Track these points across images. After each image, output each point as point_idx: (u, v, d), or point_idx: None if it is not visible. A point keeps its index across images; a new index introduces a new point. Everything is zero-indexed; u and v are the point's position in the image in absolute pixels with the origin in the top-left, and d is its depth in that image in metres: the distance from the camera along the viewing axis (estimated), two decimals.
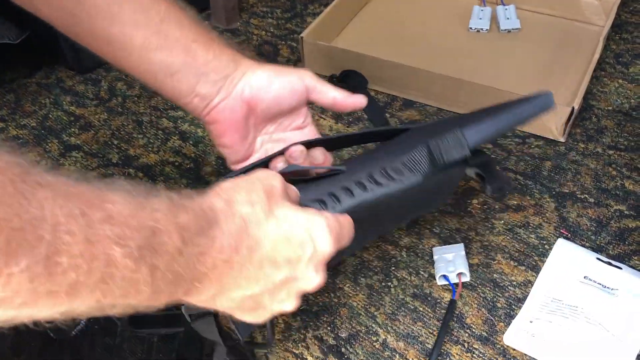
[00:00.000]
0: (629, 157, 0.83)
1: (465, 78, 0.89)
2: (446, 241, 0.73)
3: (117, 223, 0.32)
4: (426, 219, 0.76)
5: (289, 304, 0.44)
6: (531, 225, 0.75)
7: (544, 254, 0.71)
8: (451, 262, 0.68)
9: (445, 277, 0.67)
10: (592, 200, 0.77)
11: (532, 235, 0.73)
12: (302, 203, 0.48)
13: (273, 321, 0.56)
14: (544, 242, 0.73)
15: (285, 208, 0.42)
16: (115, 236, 0.31)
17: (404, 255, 0.72)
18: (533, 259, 0.71)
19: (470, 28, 1.04)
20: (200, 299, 0.39)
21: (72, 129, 0.91)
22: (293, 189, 0.47)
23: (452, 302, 0.65)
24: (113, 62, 0.55)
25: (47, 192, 0.29)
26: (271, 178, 0.43)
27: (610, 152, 0.84)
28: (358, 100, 0.58)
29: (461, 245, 0.70)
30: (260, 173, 0.43)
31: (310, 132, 0.61)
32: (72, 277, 0.30)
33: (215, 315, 0.53)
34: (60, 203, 0.30)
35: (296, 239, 0.41)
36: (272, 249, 0.40)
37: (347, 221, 0.47)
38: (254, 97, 0.55)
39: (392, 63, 0.91)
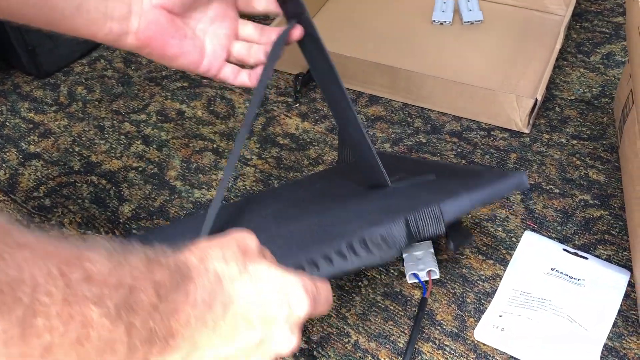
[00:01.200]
0: (592, 147, 0.84)
1: (429, 72, 0.89)
2: None
3: (96, 282, 0.31)
4: None
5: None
6: (498, 218, 0.75)
7: (512, 247, 0.72)
8: (420, 260, 0.68)
9: (415, 275, 0.67)
10: (557, 191, 0.78)
11: (499, 229, 0.74)
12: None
13: None
14: (511, 234, 0.73)
15: (261, 265, 0.41)
16: (93, 296, 0.31)
17: None
18: (501, 252, 0.71)
19: (434, 21, 1.04)
20: (172, 358, 0.37)
21: (31, 137, 0.89)
22: (269, 252, 0.45)
23: (423, 300, 0.65)
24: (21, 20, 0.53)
25: (27, 253, 0.29)
26: (247, 237, 0.42)
27: (574, 141, 0.85)
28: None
29: (429, 243, 0.70)
30: (236, 233, 0.43)
31: None
32: (47, 339, 0.29)
33: None
34: (40, 264, 0.29)
35: (271, 298, 0.40)
36: (246, 306, 0.39)
37: (325, 286, 0.45)
38: None
39: (356, 59, 0.91)
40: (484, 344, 0.63)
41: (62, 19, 0.52)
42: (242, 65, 0.62)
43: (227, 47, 0.60)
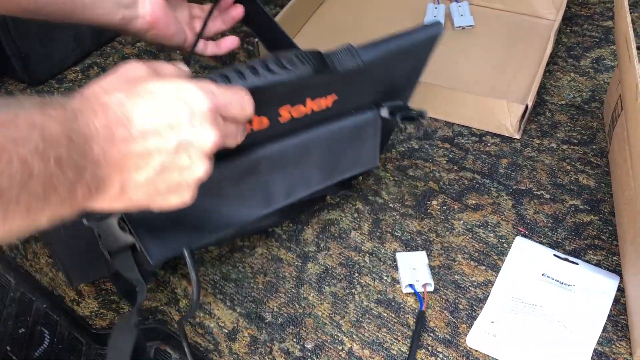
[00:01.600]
0: (582, 151, 0.85)
1: (421, 78, 0.90)
2: (407, 244, 0.74)
3: (9, 126, 0.34)
4: (387, 222, 0.77)
5: (199, 168, 0.44)
6: (490, 224, 0.76)
7: (503, 253, 0.73)
8: (416, 271, 0.69)
9: (411, 286, 0.68)
10: (548, 196, 0.79)
11: (490, 234, 0.75)
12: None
13: (199, 282, 0.60)
14: (503, 240, 0.74)
15: (150, 83, 0.43)
16: (13, 139, 0.34)
17: (367, 261, 0.72)
18: (492, 258, 0.72)
19: None
20: (113, 193, 0.41)
21: None
22: (173, 68, 0.47)
23: (421, 314, 0.66)
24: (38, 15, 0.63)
25: None
26: (131, 68, 0.44)
27: (564, 146, 0.86)
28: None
29: (423, 254, 0.71)
30: (121, 66, 0.44)
31: None
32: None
33: (133, 249, 0.57)
34: None
35: (166, 106, 0.42)
36: (146, 121, 0.41)
37: (234, 89, 0.47)
38: None
39: None
40: (477, 351, 0.64)
41: (83, 10, 0.63)
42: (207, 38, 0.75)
43: (191, 26, 0.73)
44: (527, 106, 0.84)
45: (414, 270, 0.69)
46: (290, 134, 0.59)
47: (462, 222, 0.76)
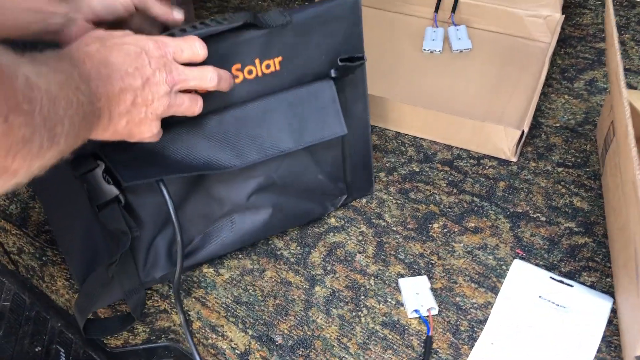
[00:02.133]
0: (576, 174, 0.89)
1: (421, 102, 0.93)
2: (410, 267, 0.77)
3: (56, 72, 0.45)
4: (391, 245, 0.80)
5: (160, 103, 0.56)
6: (489, 246, 0.80)
7: (502, 275, 0.76)
8: (419, 296, 0.72)
9: (417, 311, 0.71)
10: (543, 219, 0.83)
11: (490, 257, 0.78)
12: None
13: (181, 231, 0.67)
14: (501, 262, 0.78)
15: (115, 38, 0.55)
16: (63, 81, 0.45)
17: (372, 283, 0.76)
18: (492, 280, 0.76)
19: (424, 49, 1.08)
20: (104, 123, 0.52)
21: None
22: (135, 35, 0.57)
23: (429, 339, 0.69)
24: None
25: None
26: (95, 31, 0.56)
27: (559, 169, 0.90)
28: (178, 17, 0.68)
29: (425, 278, 0.74)
30: (87, 34, 0.56)
31: None
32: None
33: (118, 202, 0.65)
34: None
35: (133, 52, 0.54)
36: (121, 64, 0.53)
37: (189, 38, 0.59)
38: (99, 14, 0.64)
39: None
40: None
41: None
42: None
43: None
44: (523, 132, 0.87)
45: (417, 295, 0.72)
46: (249, 100, 0.67)
47: (462, 244, 0.80)
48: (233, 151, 0.67)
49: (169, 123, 0.61)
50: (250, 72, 0.67)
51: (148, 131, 0.57)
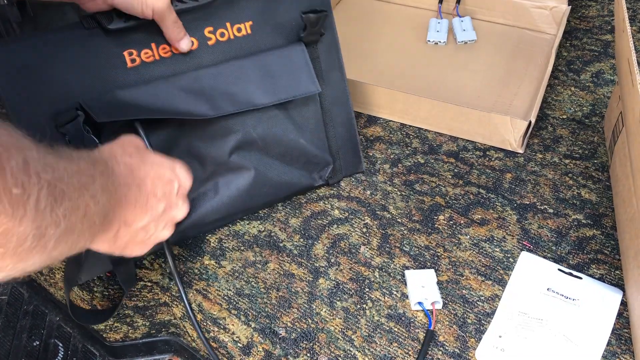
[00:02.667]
0: (584, 166, 0.87)
1: (426, 93, 0.92)
2: (416, 259, 0.76)
3: (80, 175, 0.41)
4: (396, 237, 0.79)
5: (167, 232, 0.57)
6: (495, 239, 0.78)
7: (509, 267, 0.75)
8: (425, 289, 0.71)
9: (420, 303, 0.70)
10: (551, 210, 0.81)
11: (496, 249, 0.77)
12: None
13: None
14: (509, 255, 0.76)
15: (153, 156, 0.55)
16: (84, 185, 0.41)
17: (377, 276, 0.74)
18: (499, 272, 0.74)
19: (428, 41, 1.07)
20: (109, 236, 0.49)
21: None
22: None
23: (430, 333, 0.68)
24: None
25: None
26: (135, 139, 0.56)
27: (567, 161, 0.88)
28: (184, 47, 0.68)
29: (432, 272, 0.73)
30: (126, 137, 0.56)
31: None
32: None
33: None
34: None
35: (166, 177, 0.55)
36: (152, 185, 0.52)
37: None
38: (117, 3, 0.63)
39: (354, 82, 0.93)
40: None
41: None
42: None
43: None
44: (530, 122, 0.86)
45: (422, 288, 0.71)
46: (224, 61, 0.71)
47: (468, 237, 0.78)
48: (208, 103, 0.69)
49: (149, 79, 0.67)
50: (222, 34, 0.71)
51: (139, 251, 0.56)
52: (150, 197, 0.52)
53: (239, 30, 0.73)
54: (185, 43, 0.68)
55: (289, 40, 0.76)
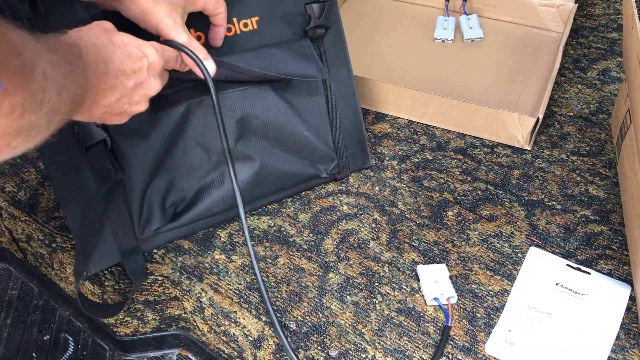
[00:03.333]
0: (591, 162, 0.88)
1: (433, 90, 0.92)
2: (425, 254, 0.76)
3: (52, 53, 0.45)
4: (405, 233, 0.79)
5: (142, 106, 0.60)
6: (504, 234, 0.78)
7: (518, 263, 0.75)
8: (438, 284, 0.71)
9: (436, 299, 0.70)
10: (559, 207, 0.82)
11: (505, 245, 0.77)
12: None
13: None
14: (517, 250, 0.77)
15: (120, 35, 0.57)
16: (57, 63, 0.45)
17: (386, 271, 0.75)
18: (508, 267, 0.75)
19: (436, 38, 1.07)
20: (83, 111, 0.53)
21: None
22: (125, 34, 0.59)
23: (447, 329, 0.68)
24: None
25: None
26: (104, 23, 0.57)
27: (574, 157, 0.89)
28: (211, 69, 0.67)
29: (444, 267, 0.73)
30: (95, 22, 0.57)
31: None
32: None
33: (105, 144, 0.69)
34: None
35: (134, 55, 0.57)
36: (120, 63, 0.55)
37: (168, 49, 0.62)
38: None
39: (362, 79, 0.94)
40: (495, 358, 0.66)
41: None
42: None
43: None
44: (538, 119, 0.86)
45: (436, 283, 0.71)
46: (230, 55, 0.72)
47: (477, 232, 0.79)
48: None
49: None
50: (229, 29, 0.72)
51: (120, 121, 0.60)
52: (119, 75, 0.55)
53: (246, 25, 0.74)
54: (210, 65, 0.66)
55: (296, 34, 0.77)
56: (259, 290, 0.73)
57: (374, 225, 0.80)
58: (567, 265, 0.74)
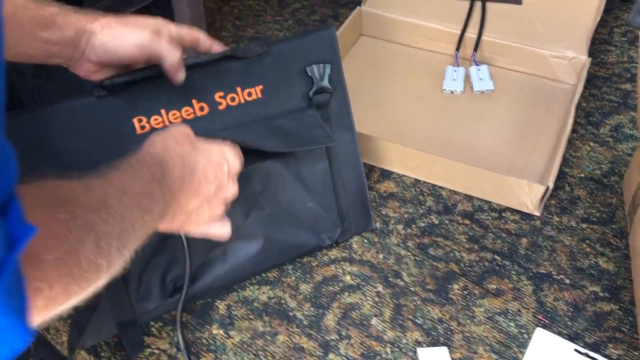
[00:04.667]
0: (602, 231, 0.85)
1: (441, 145, 0.90)
2: (429, 333, 0.74)
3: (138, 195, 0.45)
4: (409, 308, 0.77)
5: (219, 210, 0.59)
6: (510, 311, 0.76)
7: (524, 345, 0.73)
8: None
9: None
10: (567, 281, 0.79)
11: (511, 324, 0.75)
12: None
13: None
14: (523, 331, 0.74)
15: (201, 142, 0.57)
16: (136, 204, 0.44)
17: (389, 352, 0.73)
18: (513, 350, 0.73)
19: (444, 90, 1.05)
20: (166, 221, 0.52)
21: None
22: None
23: None
24: None
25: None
26: (184, 127, 0.57)
27: (584, 225, 0.86)
28: (180, 78, 0.65)
29: (445, 350, 0.71)
30: (175, 127, 0.57)
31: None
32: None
33: None
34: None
35: (216, 161, 0.57)
36: (204, 171, 0.55)
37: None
38: (101, 58, 0.62)
39: (367, 136, 0.91)
40: None
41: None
42: None
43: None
44: (548, 187, 0.84)
45: None
46: (235, 126, 0.71)
47: (483, 309, 0.77)
48: None
49: None
50: (232, 99, 0.71)
51: (197, 229, 0.59)
52: (202, 182, 0.54)
53: (250, 94, 0.72)
54: (181, 76, 0.65)
55: (301, 101, 0.76)
56: None
57: (377, 299, 0.78)
58: (575, 350, 0.72)
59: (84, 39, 0.61)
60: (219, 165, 0.57)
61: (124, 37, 0.62)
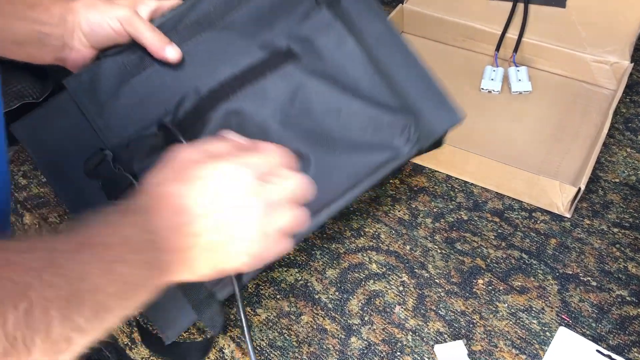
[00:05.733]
0: (634, 237, 0.85)
1: (474, 143, 0.91)
2: (450, 324, 0.75)
3: (104, 248, 0.41)
4: (432, 299, 0.78)
5: (261, 230, 0.49)
6: (534, 309, 0.77)
7: (545, 342, 0.73)
8: None
9: None
10: (594, 283, 0.79)
11: (534, 321, 0.75)
12: None
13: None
14: (546, 329, 0.75)
15: (197, 170, 0.48)
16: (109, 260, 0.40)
17: (410, 339, 0.74)
18: (534, 347, 0.73)
19: (482, 89, 1.06)
20: (179, 269, 0.46)
21: None
22: (222, 143, 0.52)
23: None
24: None
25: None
26: (180, 154, 0.49)
27: (615, 229, 0.86)
28: (170, 55, 0.64)
29: (461, 344, 0.72)
30: (171, 154, 0.50)
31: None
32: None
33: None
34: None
35: (215, 189, 0.47)
36: (199, 205, 0.46)
37: (264, 145, 0.53)
38: (88, 37, 0.63)
39: None
40: None
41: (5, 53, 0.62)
42: None
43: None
44: (579, 189, 0.84)
45: None
46: None
47: (506, 305, 0.77)
48: None
49: None
50: None
51: (241, 264, 0.50)
52: (201, 218, 0.48)
53: None
54: (171, 52, 0.63)
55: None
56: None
57: (401, 288, 0.80)
58: (597, 351, 0.72)
59: (70, 17, 0.62)
60: (222, 191, 0.47)
61: (106, 12, 0.63)
